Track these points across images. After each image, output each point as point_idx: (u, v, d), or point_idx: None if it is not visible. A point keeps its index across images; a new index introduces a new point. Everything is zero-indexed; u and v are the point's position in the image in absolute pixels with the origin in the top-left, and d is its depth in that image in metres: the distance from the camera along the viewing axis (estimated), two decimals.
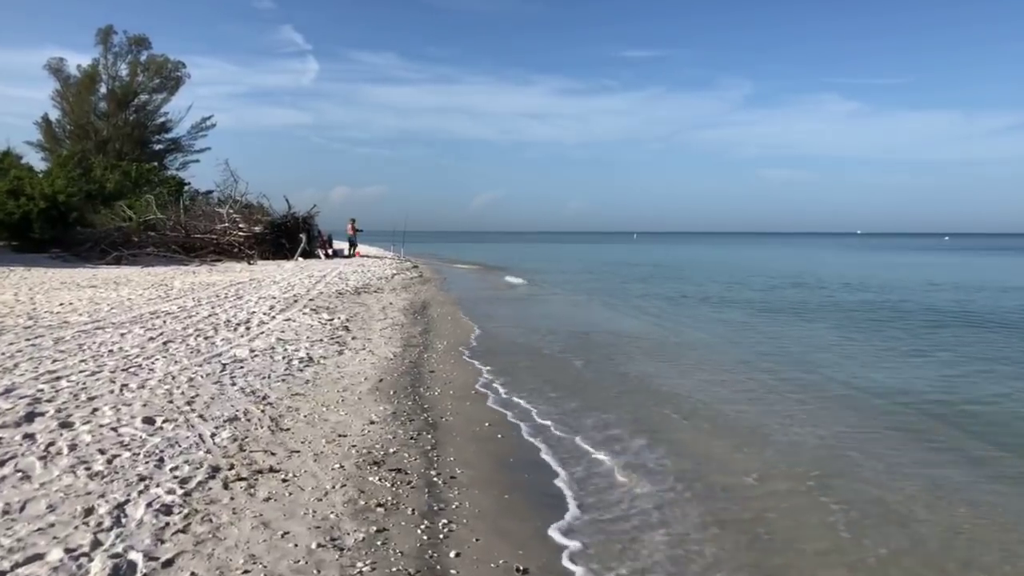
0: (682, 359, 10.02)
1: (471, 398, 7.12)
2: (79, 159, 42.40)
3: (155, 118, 46.97)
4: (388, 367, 8.13)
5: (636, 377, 8.60)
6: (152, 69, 45.51)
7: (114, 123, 45.14)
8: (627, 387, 8.09)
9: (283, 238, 31.41)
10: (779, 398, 7.54)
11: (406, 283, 20.06)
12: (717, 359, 9.92)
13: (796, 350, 10.74)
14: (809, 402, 7.35)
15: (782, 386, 8.09)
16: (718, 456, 5.53)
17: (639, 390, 7.89)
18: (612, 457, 5.42)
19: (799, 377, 8.66)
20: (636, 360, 9.75)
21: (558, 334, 12.10)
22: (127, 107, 45.35)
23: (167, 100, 46.06)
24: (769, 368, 9.15)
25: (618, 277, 27.82)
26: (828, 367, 9.35)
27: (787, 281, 24.36)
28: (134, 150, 45.56)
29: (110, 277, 19.80)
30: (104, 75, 44.55)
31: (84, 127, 45.13)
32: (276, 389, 6.69)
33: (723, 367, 9.27)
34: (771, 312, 15.58)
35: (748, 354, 10.33)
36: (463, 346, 10.21)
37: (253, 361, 7.84)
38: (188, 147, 48.18)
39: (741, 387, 8.06)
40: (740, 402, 7.32)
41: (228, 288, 16.30)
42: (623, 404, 7.19)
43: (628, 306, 16.80)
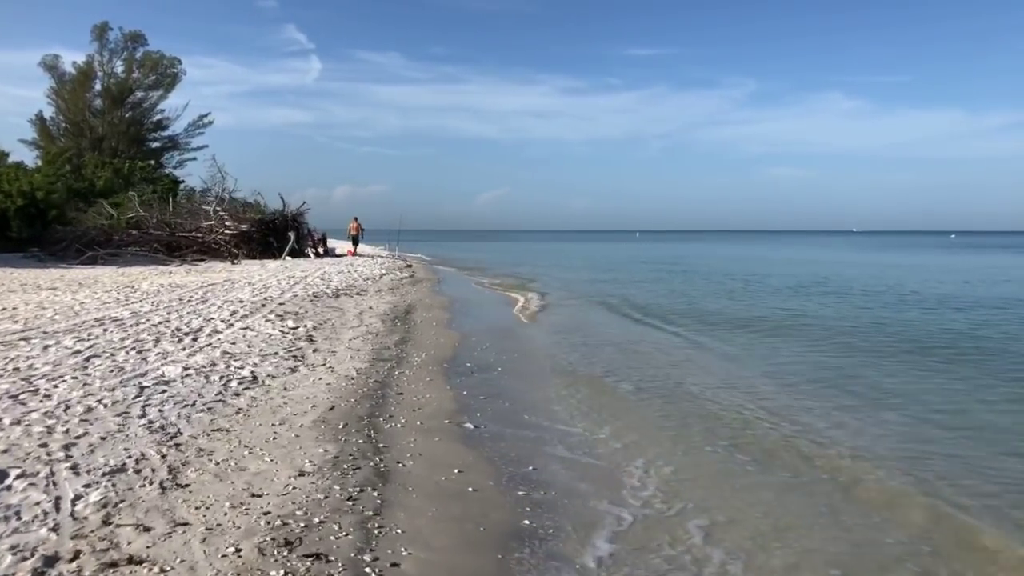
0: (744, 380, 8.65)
1: (442, 431, 5.77)
2: (68, 156, 41.38)
3: (151, 115, 46.24)
4: (346, 389, 6.78)
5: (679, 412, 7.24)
6: (147, 66, 44.63)
7: (109, 120, 44.23)
8: (667, 421, 6.73)
9: (271, 236, 30.10)
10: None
11: (394, 284, 18.71)
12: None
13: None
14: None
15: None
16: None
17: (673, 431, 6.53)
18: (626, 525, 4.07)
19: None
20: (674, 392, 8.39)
21: (560, 345, 10.75)
22: (122, 104, 44.53)
23: (163, 97, 45.36)
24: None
25: (631, 279, 26.41)
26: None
27: (825, 289, 20.14)
28: (130, 148, 44.63)
29: (77, 278, 18.49)
30: (99, 72, 43.72)
31: (79, 124, 44.15)
32: (195, 422, 5.34)
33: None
34: (868, 352, 10.18)
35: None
36: (444, 360, 8.86)
37: (182, 382, 6.49)
38: (185, 145, 47.42)
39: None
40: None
41: (197, 290, 14.97)
42: (647, 446, 5.83)
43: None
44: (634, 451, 5.54)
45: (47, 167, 37.73)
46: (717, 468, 5.24)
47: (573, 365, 9.14)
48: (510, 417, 6.42)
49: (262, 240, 29.71)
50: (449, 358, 9.04)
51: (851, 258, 44.17)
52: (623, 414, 6.73)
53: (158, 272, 20.91)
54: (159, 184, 38.06)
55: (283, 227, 30.46)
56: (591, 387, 7.81)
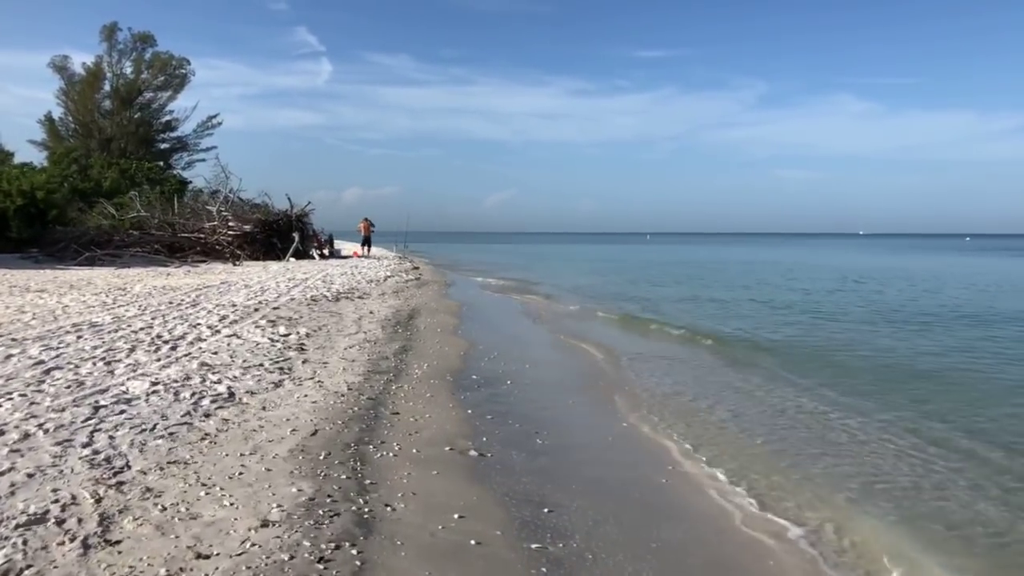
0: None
1: (442, 461, 4.92)
2: (75, 157, 40.97)
3: (160, 116, 46.12)
4: (333, 408, 5.94)
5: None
6: (156, 66, 44.40)
7: (118, 121, 44.05)
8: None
9: (275, 237, 29.37)
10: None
11: (398, 287, 17.89)
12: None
13: None
14: None
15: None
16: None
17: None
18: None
19: None
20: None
21: (582, 360, 9.89)
22: (131, 105, 44.39)
23: (172, 98, 45.32)
24: None
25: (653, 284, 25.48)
26: None
27: (957, 313, 14.60)
28: (139, 149, 44.38)
29: (71, 280, 17.79)
30: (108, 73, 43.53)
31: (88, 125, 43.93)
32: (149, 452, 4.51)
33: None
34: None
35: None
36: (447, 372, 8.01)
37: (146, 401, 5.68)
38: (194, 146, 47.23)
39: None
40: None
41: (190, 293, 14.20)
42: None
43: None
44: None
45: (53, 167, 37.32)
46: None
47: (591, 376, 8.29)
48: (521, 441, 5.58)
49: (266, 241, 29.02)
50: (453, 369, 8.20)
51: (901, 263, 39.84)
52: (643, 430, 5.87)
53: (155, 274, 20.19)
54: (166, 185, 37.54)
55: (287, 228, 29.74)
56: (611, 402, 6.96)
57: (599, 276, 28.41)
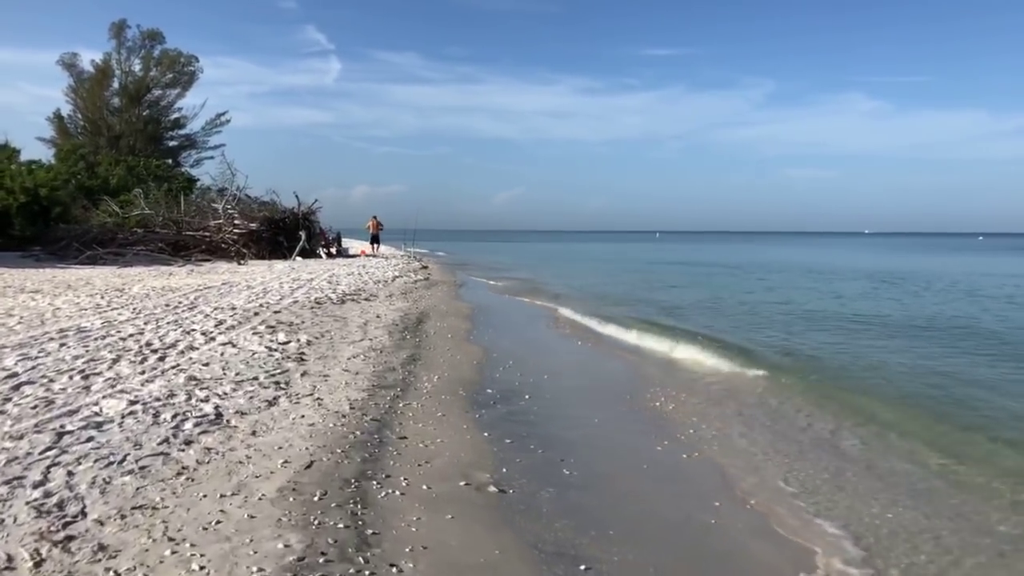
0: None
1: (457, 501, 4.21)
2: (82, 154, 40.60)
3: (168, 114, 45.84)
4: (333, 433, 5.24)
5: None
6: (165, 63, 44.07)
7: (127, 118, 43.75)
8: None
9: (281, 236, 28.76)
10: None
11: (406, 288, 17.21)
12: None
13: None
14: None
15: None
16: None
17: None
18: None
19: None
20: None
21: (600, 363, 9.17)
22: (140, 102, 44.07)
23: (181, 96, 45.11)
24: None
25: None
26: None
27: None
28: (147, 146, 44.10)
29: (69, 279, 17.20)
30: (117, 70, 43.23)
31: (96, 122, 43.65)
32: (112, 494, 3.82)
33: None
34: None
35: None
36: (460, 385, 7.31)
37: (119, 424, 5.00)
38: (202, 143, 46.92)
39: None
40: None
41: (189, 295, 13.56)
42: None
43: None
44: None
45: (60, 164, 36.88)
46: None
47: (616, 389, 7.57)
48: (547, 472, 4.87)
49: (272, 239, 28.42)
50: (466, 382, 7.49)
51: (921, 263, 37.79)
52: (684, 456, 5.14)
53: (157, 273, 19.59)
54: (173, 182, 37.06)
55: (294, 226, 29.13)
56: (642, 419, 6.23)
57: (612, 276, 27.65)
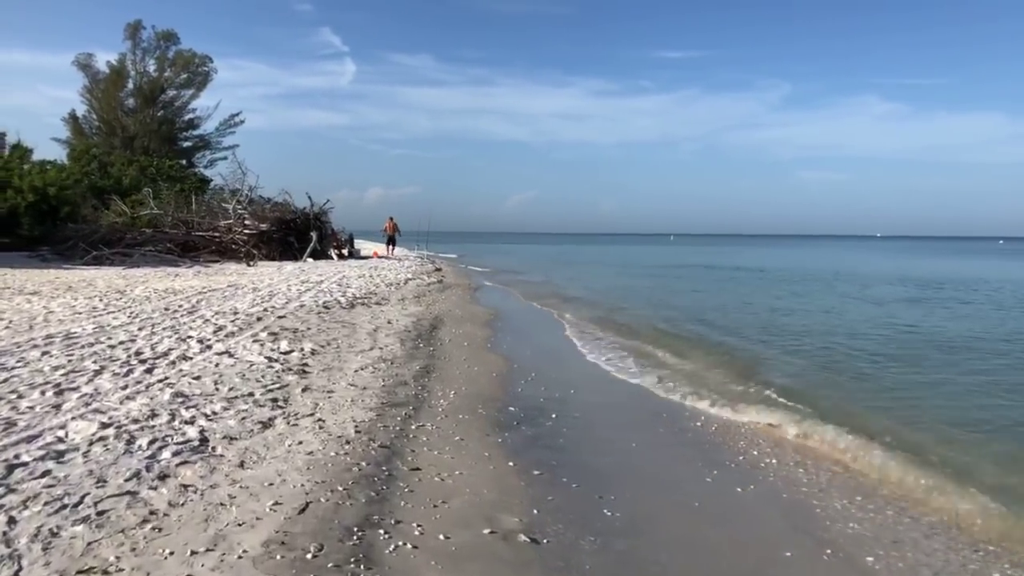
0: None
1: (481, 557, 3.45)
2: (95, 154, 40.42)
3: (183, 114, 45.87)
4: (335, 464, 4.50)
5: None
6: (179, 64, 44.01)
7: (141, 119, 43.67)
8: None
9: (292, 236, 28.16)
10: None
11: (420, 292, 16.49)
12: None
13: None
14: None
15: None
16: None
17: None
18: None
19: None
20: None
21: (635, 385, 8.38)
22: (154, 103, 44.04)
23: (195, 96, 45.20)
24: None
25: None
26: None
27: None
28: (161, 147, 44.00)
29: (72, 280, 16.63)
30: (132, 71, 43.22)
31: (111, 123, 43.61)
32: (56, 551, 3.10)
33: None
34: None
35: None
36: (479, 402, 6.55)
37: (86, 454, 4.28)
38: (216, 144, 46.89)
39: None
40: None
41: (192, 297, 12.91)
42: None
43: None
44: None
45: (73, 164, 36.60)
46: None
47: (650, 407, 6.78)
48: (585, 512, 4.11)
49: (283, 240, 27.84)
50: (485, 398, 6.74)
51: (952, 268, 36.10)
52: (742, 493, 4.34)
53: (163, 274, 19.00)
54: (186, 183, 36.70)
55: (305, 227, 28.54)
56: (685, 442, 5.45)
57: (631, 280, 26.83)
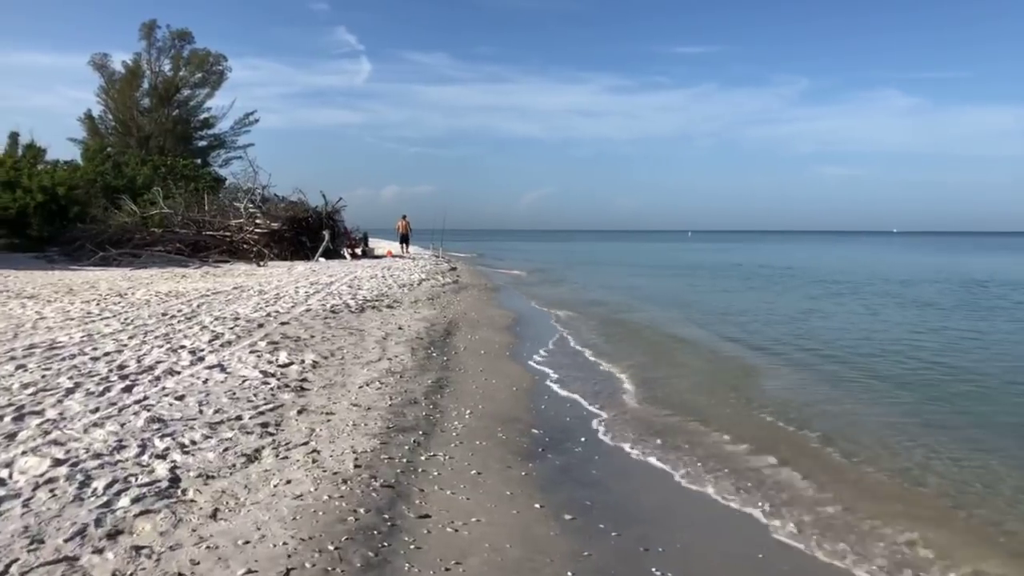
0: None
1: None
2: (109, 154, 40.19)
3: (198, 114, 45.71)
4: (327, 513, 3.73)
5: None
6: (194, 63, 43.82)
7: (156, 118, 43.51)
8: None
9: (304, 236, 27.55)
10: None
11: (434, 293, 15.75)
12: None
13: None
14: None
15: None
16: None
17: None
18: None
19: None
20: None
21: (675, 402, 7.56)
22: (169, 102, 43.86)
23: (210, 95, 45.10)
24: None
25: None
26: None
27: None
28: (176, 146, 43.79)
29: (73, 283, 16.07)
30: (147, 70, 43.12)
31: (126, 123, 43.46)
32: None
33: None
34: None
35: None
36: (497, 423, 5.77)
37: (28, 500, 3.55)
38: (231, 143, 46.70)
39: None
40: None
41: (193, 301, 12.25)
42: None
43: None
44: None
45: (88, 164, 36.30)
46: None
47: (695, 426, 5.95)
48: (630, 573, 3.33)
49: (295, 239, 27.24)
50: (506, 418, 5.96)
51: (995, 263, 34.13)
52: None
53: (170, 276, 18.41)
54: (200, 182, 36.33)
55: (317, 225, 27.92)
56: (734, 475, 4.62)
57: (656, 280, 25.94)
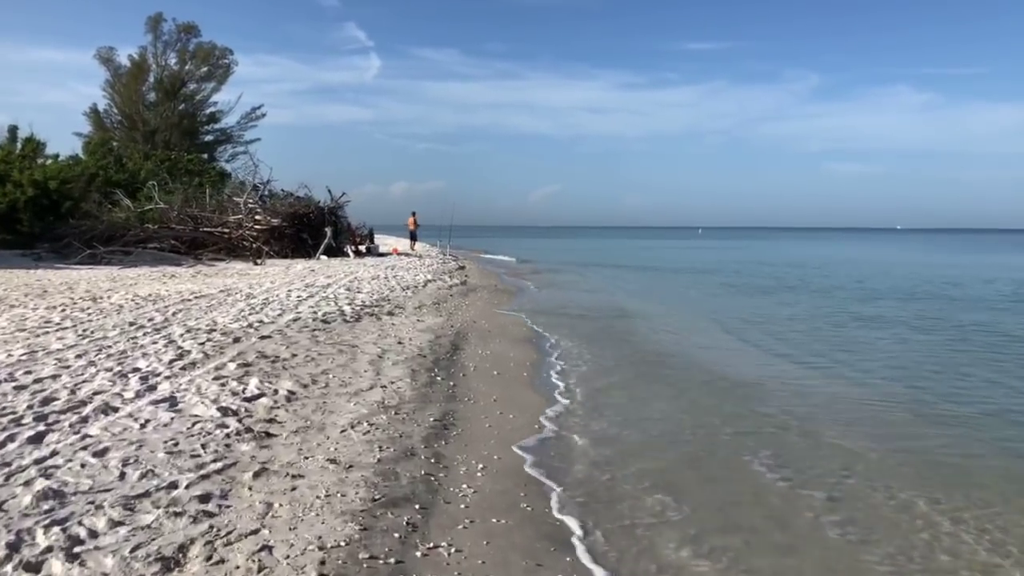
0: None
1: None
2: (110, 147, 39.21)
3: (204, 108, 44.95)
4: None
5: None
6: (200, 57, 42.96)
7: (162, 113, 42.62)
8: None
9: (305, 232, 26.24)
10: None
11: (440, 296, 14.38)
12: None
13: None
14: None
15: None
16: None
17: None
18: None
19: None
20: None
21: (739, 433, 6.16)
22: (175, 97, 43.02)
23: (216, 90, 44.42)
24: None
25: None
26: None
27: None
28: (182, 141, 42.88)
29: (50, 284, 14.79)
30: (153, 64, 42.31)
31: (132, 117, 42.55)
32: None
33: None
34: None
35: None
36: (523, 487, 4.38)
37: None
38: (238, 138, 45.93)
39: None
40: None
41: (171, 306, 10.93)
42: None
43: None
44: None
45: (89, 158, 35.25)
46: None
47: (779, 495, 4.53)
48: None
49: (296, 236, 25.94)
50: (529, 478, 4.57)
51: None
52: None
53: (158, 275, 17.12)
54: (205, 176, 35.22)
55: (319, 222, 26.61)
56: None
57: (678, 279, 24.48)
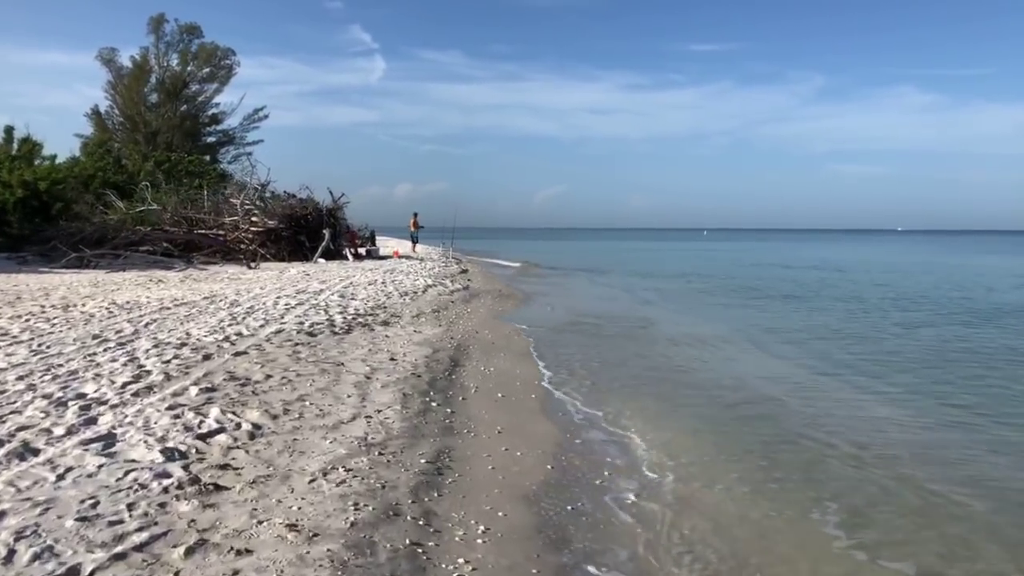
0: None
1: None
2: (109, 148, 38.59)
3: (206, 109, 44.36)
4: None
5: None
6: (202, 57, 42.36)
7: (164, 114, 42.04)
8: None
9: (303, 235, 25.33)
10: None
11: (440, 303, 13.44)
12: None
13: None
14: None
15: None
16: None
17: None
18: None
19: None
20: None
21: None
22: (178, 98, 42.41)
23: (218, 91, 43.78)
24: None
25: None
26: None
27: None
28: (184, 142, 42.22)
29: (27, 289, 13.89)
30: (155, 65, 41.73)
31: (134, 118, 41.93)
32: None
33: None
34: None
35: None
36: (538, 556, 3.45)
37: None
38: (240, 140, 45.34)
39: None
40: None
41: (146, 316, 10.02)
42: None
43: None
44: None
45: (87, 159, 34.57)
46: None
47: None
48: None
49: (293, 239, 25.05)
50: (543, 544, 3.63)
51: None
52: None
53: (144, 280, 16.22)
54: (206, 178, 34.48)
55: (317, 224, 25.71)
56: None
57: (690, 284, 23.51)
